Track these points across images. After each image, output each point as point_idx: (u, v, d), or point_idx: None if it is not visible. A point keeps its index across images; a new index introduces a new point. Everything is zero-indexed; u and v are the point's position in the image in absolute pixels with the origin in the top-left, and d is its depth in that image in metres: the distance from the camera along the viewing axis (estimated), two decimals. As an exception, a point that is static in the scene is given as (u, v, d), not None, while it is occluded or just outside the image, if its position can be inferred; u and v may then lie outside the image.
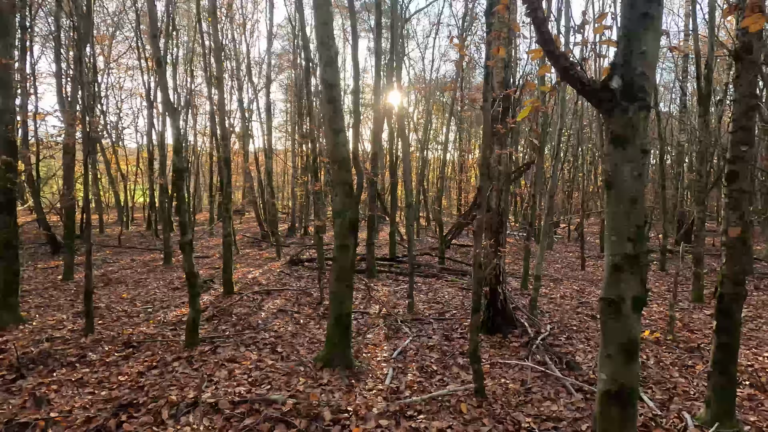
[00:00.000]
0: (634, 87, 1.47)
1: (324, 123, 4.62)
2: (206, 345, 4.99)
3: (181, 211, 4.95)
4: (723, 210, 3.29)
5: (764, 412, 3.62)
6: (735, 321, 3.29)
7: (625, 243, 1.51)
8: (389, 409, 3.59)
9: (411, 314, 6.63)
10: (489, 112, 3.47)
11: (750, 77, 3.13)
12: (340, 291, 4.51)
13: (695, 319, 6.57)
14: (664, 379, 4.33)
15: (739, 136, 3.21)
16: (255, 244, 15.39)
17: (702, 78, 7.82)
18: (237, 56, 17.74)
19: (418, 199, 21.41)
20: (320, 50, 4.48)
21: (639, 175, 1.50)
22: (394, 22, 11.58)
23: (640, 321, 1.61)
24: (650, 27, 1.44)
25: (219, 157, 9.75)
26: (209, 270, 9.84)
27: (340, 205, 4.47)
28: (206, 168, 24.31)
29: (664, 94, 23.66)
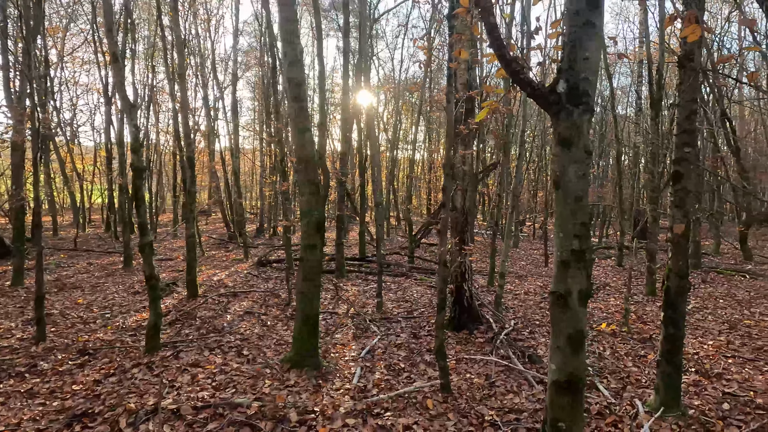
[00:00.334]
0: (579, 91, 1.55)
1: (289, 122, 4.58)
2: (168, 350, 4.84)
3: (140, 212, 4.77)
4: (669, 208, 3.50)
5: (707, 397, 3.87)
6: (680, 312, 3.51)
7: (571, 239, 1.59)
8: (356, 408, 3.61)
9: (380, 313, 6.67)
10: (452, 113, 3.54)
11: (691, 83, 3.34)
12: (308, 291, 4.49)
13: (648, 311, 6.94)
14: (618, 369, 4.56)
15: (683, 139, 3.42)
16: (221, 245, 15.01)
17: (653, 83, 8.26)
18: (201, 52, 17.23)
19: (388, 198, 21.51)
20: (285, 48, 4.44)
21: (583, 175, 1.59)
22: (362, 22, 11.58)
23: (586, 313, 1.70)
24: (592, 34, 1.53)
25: (182, 155, 9.45)
26: (172, 273, 9.52)
27: (307, 204, 4.44)
28: (169, 167, 23.50)
29: (621, 97, 24.80)
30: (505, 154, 9.82)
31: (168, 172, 26.79)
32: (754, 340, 5.43)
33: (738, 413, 3.54)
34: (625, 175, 16.19)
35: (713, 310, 7.00)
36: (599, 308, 7.16)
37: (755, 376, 4.34)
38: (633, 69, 17.44)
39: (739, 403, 3.71)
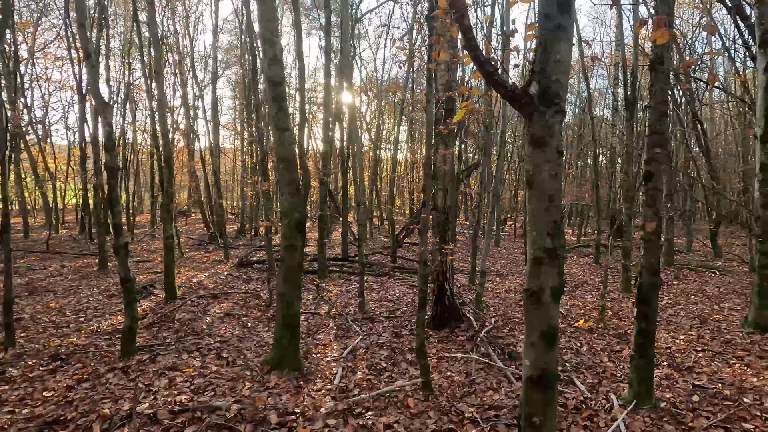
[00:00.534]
0: (551, 92, 1.58)
1: (269, 121, 4.53)
2: (144, 354, 4.73)
3: (114, 213, 4.65)
4: (641, 207, 3.61)
5: (678, 390, 4.00)
6: (652, 308, 3.62)
7: (544, 237, 1.63)
8: (337, 408, 3.60)
9: (362, 313, 6.67)
10: (432, 114, 3.57)
11: (662, 86, 3.45)
12: (288, 292, 4.46)
13: (623, 307, 7.13)
14: (595, 364, 4.67)
15: (654, 140, 3.52)
16: (201, 246, 14.76)
17: (628, 86, 8.48)
18: (180, 50, 16.90)
19: (371, 198, 21.51)
20: (264, 47, 4.40)
21: (556, 175, 1.62)
22: (344, 21, 11.54)
23: (558, 309, 1.74)
24: (563, 37, 1.56)
25: (159, 155, 9.25)
26: (150, 275, 9.32)
27: (288, 204, 4.41)
28: (147, 167, 22.95)
29: (599, 99, 25.40)
30: (485, 155, 9.94)
31: (146, 172, 26.19)
32: (722, 334, 5.63)
33: (707, 405, 3.67)
34: (602, 175, 16.59)
35: (685, 305, 7.24)
36: (577, 305, 7.32)
37: (723, 368, 4.51)
38: (609, 71, 17.86)
39: (708, 395, 3.85)
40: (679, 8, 17.32)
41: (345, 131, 12.78)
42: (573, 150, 25.40)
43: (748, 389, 3.95)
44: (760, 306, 5.66)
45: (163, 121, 7.08)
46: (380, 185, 24.60)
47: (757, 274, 5.72)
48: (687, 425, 3.34)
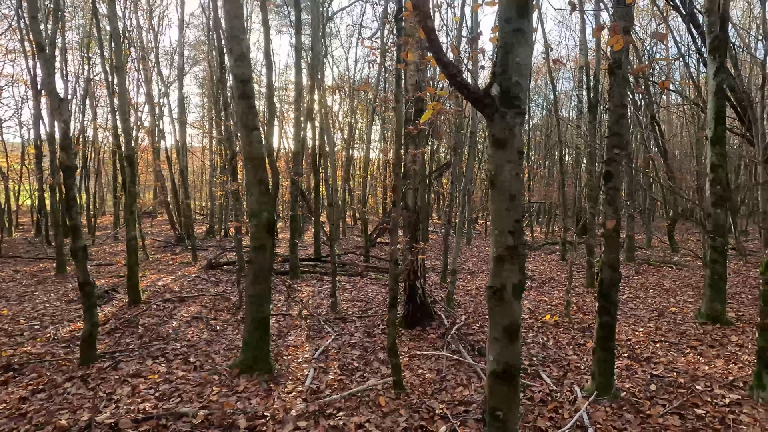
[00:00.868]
0: (511, 94, 1.63)
1: (237, 120, 4.44)
2: (106, 361, 4.54)
3: (72, 214, 4.44)
4: (601, 205, 3.75)
5: (637, 379, 4.19)
6: (612, 302, 3.77)
7: (506, 236, 1.67)
8: (308, 410, 3.57)
9: (334, 313, 6.64)
10: (401, 114, 3.59)
11: (620, 89, 3.60)
12: (258, 293, 4.38)
13: (588, 302, 7.40)
14: (560, 358, 4.82)
15: (613, 141, 3.67)
16: (168, 248, 14.29)
17: (590, 88, 8.80)
18: (144, 45, 16.29)
19: (344, 198, 21.42)
20: (231, 44, 4.31)
21: (517, 175, 1.67)
22: (314, 20, 11.44)
23: (520, 306, 1.79)
24: (523, 41, 1.61)
25: (121, 153, 8.89)
26: (113, 278, 8.95)
27: (257, 205, 4.33)
28: (109, 166, 22.02)
29: (565, 101, 26.24)
30: (456, 154, 10.08)
31: (108, 171, 25.14)
32: (678, 326, 5.94)
33: (663, 393, 3.86)
34: (568, 174, 17.15)
35: (644, 299, 7.58)
36: (544, 301, 7.54)
37: (678, 358, 4.76)
38: (575, 74, 18.49)
39: (664, 384, 4.05)
40: (638, 15, 18.11)
41: (317, 130, 12.67)
42: (540, 150, 26.13)
43: (700, 377, 4.19)
44: (712, 298, 6.00)
45: (125, 117, 6.81)
46: (353, 185, 24.53)
47: (709, 269, 6.07)
48: (645, 413, 3.51)
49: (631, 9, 3.53)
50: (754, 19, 14.68)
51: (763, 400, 3.56)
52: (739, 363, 4.52)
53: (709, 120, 5.98)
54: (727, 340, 5.27)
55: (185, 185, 15.15)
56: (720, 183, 5.95)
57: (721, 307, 5.98)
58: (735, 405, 3.56)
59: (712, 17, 5.93)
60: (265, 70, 21.74)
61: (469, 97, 1.66)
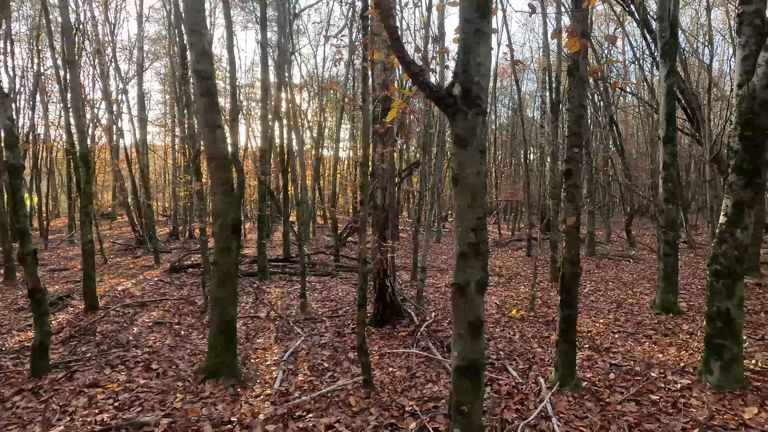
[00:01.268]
0: (472, 94, 1.66)
1: (199, 118, 4.30)
2: (60, 371, 4.30)
3: (19, 216, 4.17)
4: (562, 203, 3.88)
5: (598, 369, 4.37)
6: (573, 295, 3.91)
7: (469, 233, 1.70)
8: (277, 413, 3.51)
9: (304, 314, 6.56)
10: (368, 112, 3.58)
11: (579, 90, 3.73)
12: (223, 296, 4.27)
13: (552, 296, 7.65)
14: (526, 351, 4.96)
15: (573, 140, 3.81)
16: (128, 251, 13.69)
17: (552, 90, 9.09)
18: (99, 38, 15.50)
19: (314, 197, 21.20)
20: (192, 39, 4.16)
21: (478, 173, 1.70)
22: (280, 16, 11.24)
23: (483, 301, 1.83)
24: (483, 41, 1.65)
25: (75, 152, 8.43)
26: (68, 284, 8.48)
27: (221, 205, 4.22)
28: (63, 165, 20.87)
29: (530, 102, 27.01)
30: (425, 153, 10.18)
31: (62, 171, 23.83)
32: (635, 316, 6.24)
33: (621, 381, 4.05)
34: (533, 173, 17.68)
35: (604, 291, 7.92)
36: (511, 296, 7.74)
37: (635, 347, 5.00)
38: (539, 76, 19.06)
39: (622, 372, 4.24)
40: (597, 20, 18.87)
41: (285, 128, 12.47)
42: (507, 149, 26.77)
43: (655, 364, 4.41)
44: (665, 290, 6.35)
45: (78, 114, 6.46)
46: (323, 184, 24.32)
47: (662, 262, 6.41)
48: (605, 401, 3.66)
49: (587, 13, 3.67)
50: (701, 26, 15.62)
51: (710, 384, 3.79)
52: (690, 350, 4.80)
53: (661, 120, 6.31)
54: (679, 329, 5.58)
55: (146, 185, 14.56)
56: (671, 180, 6.29)
57: (674, 297, 6.33)
58: (686, 390, 3.78)
59: (663, 23, 6.26)
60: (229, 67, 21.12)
61: (431, 96, 1.68)
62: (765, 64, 3.42)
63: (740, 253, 3.66)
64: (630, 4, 10.18)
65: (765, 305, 6.57)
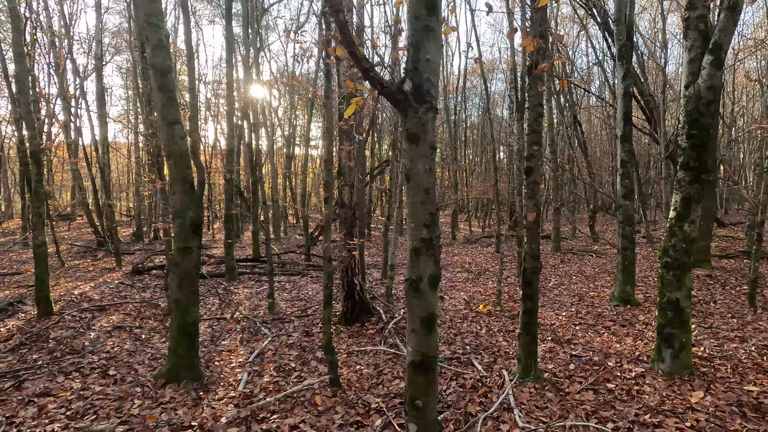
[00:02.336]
0: (423, 90, 1.67)
1: (156, 114, 4.15)
2: (7, 381, 4.07)
3: (-41, 218, 3.90)
4: (524, 199, 3.98)
5: (559, 360, 4.51)
6: (534, 289, 4.01)
7: (421, 228, 1.72)
8: (240, 416, 3.44)
9: (272, 314, 6.46)
10: (331, 109, 3.56)
11: (537, 89, 3.82)
12: (184, 298, 4.14)
13: (518, 291, 7.83)
14: (491, 345, 5.06)
15: (533, 138, 3.90)
16: (88, 253, 13.09)
17: (518, 89, 9.30)
18: (53, 29, 14.72)
19: (284, 196, 20.90)
20: (148, 31, 4.01)
21: (430, 169, 1.72)
22: (249, 11, 10.99)
23: (436, 297, 1.84)
24: (432, 38, 1.66)
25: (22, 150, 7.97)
26: (19, 289, 8.03)
27: (180, 204, 4.09)
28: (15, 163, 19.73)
29: (499, 101, 27.54)
30: (396, 151, 10.20)
31: (14, 170, 22.54)
32: (595, 308, 6.48)
33: (580, 371, 4.19)
34: (502, 171, 18.04)
35: (568, 285, 8.18)
36: (479, 291, 7.87)
37: (594, 338, 5.18)
38: (507, 75, 19.44)
39: (581, 362, 4.40)
40: (562, 22, 19.42)
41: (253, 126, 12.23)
42: (477, 147, 27.21)
43: (612, 354, 4.59)
44: (623, 282, 6.61)
45: (27, 110, 6.11)
46: (294, 182, 24.01)
47: (620, 255, 6.67)
48: (564, 391, 3.78)
49: (545, 14, 3.76)
50: (658, 30, 16.34)
51: (662, 372, 3.97)
52: (645, 339, 5.02)
53: (618, 120, 6.56)
54: (636, 320, 5.83)
55: (107, 185, 13.96)
56: (629, 177, 6.55)
57: (631, 289, 6.61)
58: (639, 377, 3.95)
59: (619, 26, 6.50)
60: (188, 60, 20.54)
61: (383, 92, 1.67)
62: (708, 66, 3.61)
63: (688, 246, 3.85)
64: (592, 8, 10.54)
65: (714, 295, 6.96)
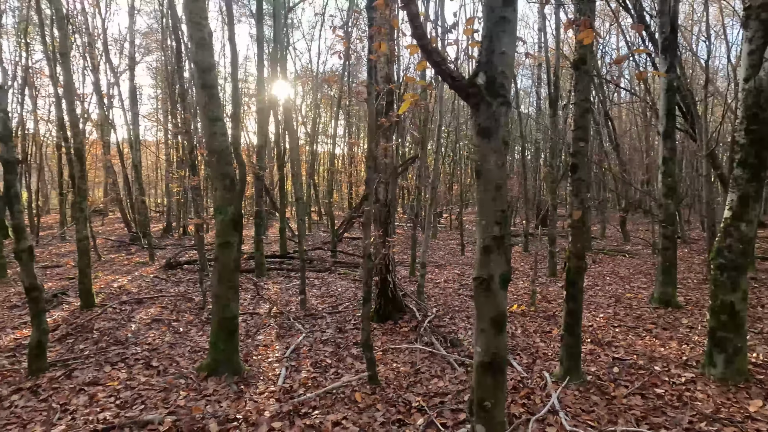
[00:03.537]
0: (496, 84, 1.62)
1: (199, 111, 4.22)
2: (58, 370, 4.22)
3: (14, 212, 4.07)
4: (568, 197, 3.87)
5: (601, 363, 4.39)
6: (579, 289, 3.91)
7: (493, 226, 1.67)
8: (282, 410, 3.47)
9: (304, 310, 6.51)
10: (373, 106, 3.53)
11: (585, 84, 3.71)
12: (224, 293, 4.20)
13: (551, 291, 7.68)
14: (529, 345, 4.97)
15: (578, 134, 3.79)
16: (122, 248, 13.51)
17: (551, 84, 9.09)
18: (90, 31, 15.21)
19: (308, 193, 21.08)
20: (191, 30, 4.07)
21: (502, 164, 1.67)
22: (276, 10, 11.10)
23: (506, 296, 1.80)
24: (507, 29, 1.61)
25: (68, 147, 8.26)
26: (61, 281, 8.34)
27: (222, 200, 4.14)
28: (53, 161, 20.51)
29: (524, 97, 27.03)
30: (422, 149, 10.13)
31: (52, 167, 23.44)
32: (634, 310, 6.28)
33: (625, 375, 4.06)
34: (528, 168, 17.72)
35: (602, 286, 7.97)
36: (510, 291, 7.75)
37: (636, 341, 5.02)
38: (534, 72, 19.05)
39: (625, 366, 4.26)
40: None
41: (281, 124, 12.35)
42: (502, 145, 26.77)
43: (657, 358, 4.44)
44: (663, 283, 6.39)
45: (71, 108, 6.32)
46: (318, 180, 24.20)
47: (660, 255, 6.44)
48: (610, 395, 3.67)
49: (594, 5, 3.64)
50: (696, 21, 15.72)
51: (714, 377, 3.81)
52: (691, 344, 4.84)
53: (661, 116, 6.32)
54: (679, 323, 5.63)
55: (139, 181, 14.36)
56: (671, 175, 6.31)
57: (673, 291, 6.37)
58: (690, 383, 3.80)
59: (663, 18, 6.26)
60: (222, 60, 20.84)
61: (453, 86, 1.64)
62: (771, 57, 3.42)
63: (745, 247, 3.67)
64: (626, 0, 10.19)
65: (761, 299, 6.65)
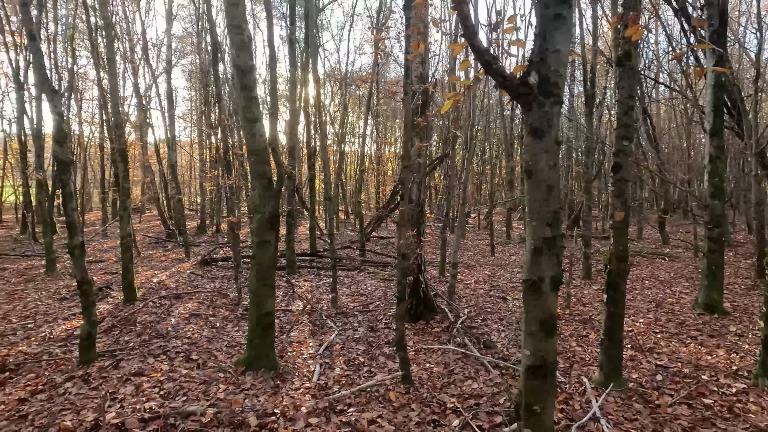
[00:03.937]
0: (550, 83, 1.59)
1: (238, 112, 4.33)
2: (106, 360, 4.43)
3: (68, 210, 4.30)
4: (610, 197, 3.75)
5: (643, 370, 4.23)
6: (621, 292, 3.78)
7: (544, 227, 1.64)
8: (318, 407, 3.53)
9: (335, 308, 6.58)
10: (409, 105, 3.53)
11: (629, 81, 3.58)
12: (261, 290, 4.30)
13: (586, 294, 7.46)
14: (565, 350, 4.85)
15: (622, 132, 3.67)
16: (159, 244, 14.04)
17: (588, 81, 8.82)
18: (130, 36, 15.88)
19: (336, 193, 21.28)
20: (231, 33, 4.19)
21: (554, 165, 1.64)
22: (308, 11, 11.25)
23: (557, 298, 1.76)
24: (562, 27, 1.57)
25: (113, 148, 8.66)
26: (105, 276, 8.76)
27: (259, 199, 4.24)
28: (96, 161, 21.54)
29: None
30: (452, 148, 10.06)
31: (94, 167, 24.61)
32: (676, 316, 6.02)
33: (669, 383, 3.90)
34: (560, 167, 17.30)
35: (641, 290, 7.67)
36: (543, 293, 7.58)
37: (680, 348, 4.82)
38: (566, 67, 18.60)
39: (669, 374, 4.09)
40: (629, 9, 18.21)
41: (312, 124, 12.52)
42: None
43: (704, 366, 4.24)
44: (709, 288, 6.09)
45: (116, 111, 6.62)
46: (345, 179, 24.41)
47: (706, 259, 6.14)
48: (654, 403, 3.54)
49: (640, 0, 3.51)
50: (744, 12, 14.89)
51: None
52: (740, 352, 4.59)
53: (708, 112, 6.02)
54: (726, 330, 5.35)
55: (176, 180, 14.88)
56: (718, 174, 6.01)
57: (719, 296, 6.07)
58: (741, 394, 3.61)
59: (711, 10, 5.96)
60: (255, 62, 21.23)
61: (504, 86, 1.61)
62: (837, 49, 3.19)
63: (804, 252, 3.45)
64: (668, -8, 9.75)
65: (817, 306, 6.24)
